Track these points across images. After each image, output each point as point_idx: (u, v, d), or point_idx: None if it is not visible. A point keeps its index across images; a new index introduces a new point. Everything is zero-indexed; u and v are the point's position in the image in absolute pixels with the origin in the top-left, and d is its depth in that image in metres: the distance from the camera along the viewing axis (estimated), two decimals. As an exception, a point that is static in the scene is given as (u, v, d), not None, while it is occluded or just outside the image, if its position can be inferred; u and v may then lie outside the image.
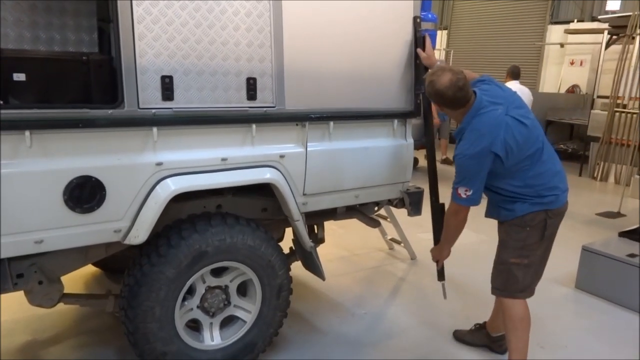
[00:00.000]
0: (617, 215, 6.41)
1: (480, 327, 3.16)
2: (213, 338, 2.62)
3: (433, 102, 2.63)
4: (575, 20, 11.09)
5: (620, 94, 8.43)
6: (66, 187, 2.00)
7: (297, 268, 3.08)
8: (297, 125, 2.61)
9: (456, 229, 2.74)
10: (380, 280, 4.11)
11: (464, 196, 2.49)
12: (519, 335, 2.69)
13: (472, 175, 2.46)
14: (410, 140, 3.08)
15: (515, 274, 2.65)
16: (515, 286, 2.66)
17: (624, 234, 4.38)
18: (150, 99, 2.14)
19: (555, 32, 11.62)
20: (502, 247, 2.70)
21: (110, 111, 2.06)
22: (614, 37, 9.18)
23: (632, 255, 3.86)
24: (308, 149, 2.65)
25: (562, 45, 11.31)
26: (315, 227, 3.27)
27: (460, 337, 3.19)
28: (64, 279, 2.38)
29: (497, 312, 3.00)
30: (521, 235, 2.60)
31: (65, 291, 2.43)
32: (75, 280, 3.58)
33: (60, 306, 2.52)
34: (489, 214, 2.74)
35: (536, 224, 2.56)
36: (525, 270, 2.64)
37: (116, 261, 2.82)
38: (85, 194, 2.05)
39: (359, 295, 3.80)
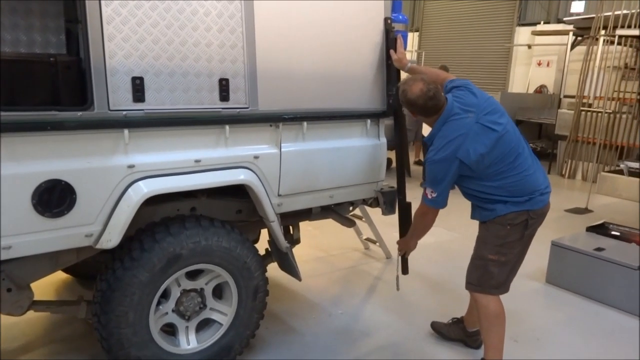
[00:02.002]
0: (585, 211, 6.60)
1: (458, 322, 3.20)
2: (189, 342, 2.59)
3: (407, 110, 2.70)
4: (542, 22, 11.39)
5: (585, 94, 8.67)
6: (35, 191, 1.96)
7: (273, 269, 3.08)
8: (270, 126, 2.61)
9: (424, 228, 2.84)
10: (356, 280, 4.13)
11: (429, 197, 2.59)
12: (494, 332, 2.73)
13: (437, 179, 2.54)
14: (383, 140, 3.11)
15: (491, 270, 2.68)
16: (490, 282, 2.70)
17: (591, 229, 4.52)
18: (120, 100, 2.11)
19: (522, 34, 11.92)
20: (481, 243, 2.73)
21: (79, 113, 2.02)
22: (579, 38, 9.46)
23: (599, 249, 3.98)
24: (282, 149, 2.65)
25: (529, 46, 11.60)
26: (291, 228, 3.27)
27: (437, 328, 3.23)
28: (34, 285, 2.33)
29: (472, 307, 3.05)
30: (502, 233, 2.63)
31: (35, 298, 2.37)
32: (45, 287, 3.49)
33: (30, 314, 2.46)
34: (472, 216, 2.78)
35: (518, 223, 2.59)
36: (502, 268, 2.68)
37: (88, 267, 2.78)
38: (54, 198, 2.00)
39: (335, 295, 3.82)
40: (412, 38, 13.89)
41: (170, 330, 2.59)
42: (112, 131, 2.12)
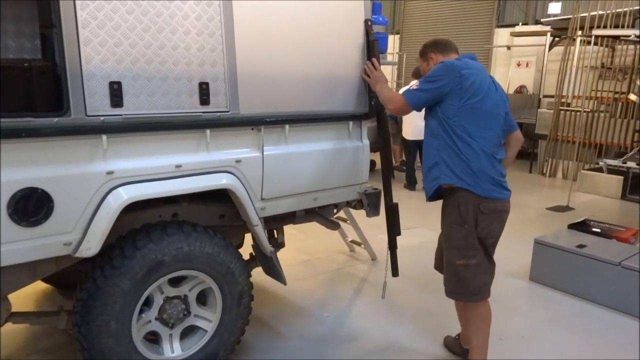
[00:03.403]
0: (566, 208, 6.68)
1: (458, 337, 3.11)
2: (173, 350, 2.55)
3: (426, 54, 2.84)
4: (520, 24, 11.55)
5: (564, 93, 8.81)
6: (10, 199, 1.91)
7: (258, 274, 3.05)
8: (252, 129, 2.59)
9: (385, 100, 2.84)
10: (342, 282, 4.12)
11: (411, 88, 2.66)
12: (480, 334, 2.73)
13: (432, 78, 2.56)
14: (366, 142, 3.11)
15: (464, 276, 2.62)
16: (467, 289, 2.64)
17: (572, 226, 4.58)
18: (98, 105, 2.07)
19: (501, 35, 12.07)
20: (447, 248, 2.69)
21: (55, 119, 1.98)
22: (557, 39, 9.61)
23: (581, 246, 4.03)
24: (264, 153, 2.63)
25: (508, 47, 11.74)
26: (275, 231, 3.25)
27: (447, 344, 3.15)
28: (12, 296, 2.27)
29: (465, 325, 2.96)
30: (461, 235, 2.58)
31: (14, 310, 2.32)
32: (24, 298, 3.42)
33: (9, 326, 2.41)
34: (426, 187, 2.72)
35: (471, 219, 2.54)
36: (475, 271, 2.61)
37: (68, 276, 2.72)
38: (31, 206, 1.95)
39: (321, 299, 3.80)
40: (393, 40, 13.97)
41: (153, 338, 2.54)
42: (89, 137, 2.08)
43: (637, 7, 7.94)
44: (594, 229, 4.51)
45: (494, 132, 2.58)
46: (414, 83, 6.98)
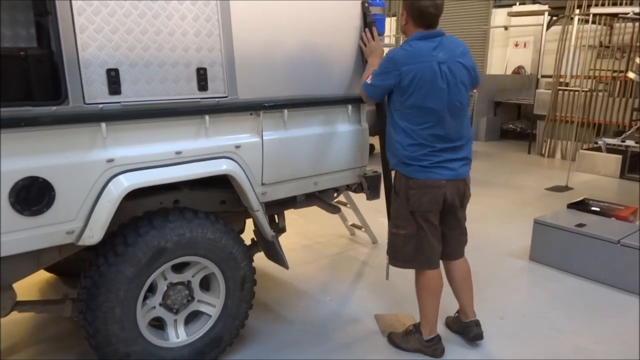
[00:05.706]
0: (565, 188, 6.70)
1: (457, 315, 3.14)
2: (178, 335, 2.57)
3: (404, 13, 2.63)
4: (517, 3, 11.44)
5: (562, 73, 8.77)
6: (11, 189, 1.91)
7: (260, 259, 3.07)
8: (251, 114, 2.59)
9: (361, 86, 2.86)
10: (343, 266, 4.15)
11: (367, 80, 2.72)
12: (422, 302, 2.86)
13: (379, 72, 2.64)
14: (365, 125, 3.11)
15: (395, 244, 2.82)
16: (397, 256, 2.82)
17: (572, 206, 4.60)
18: (96, 93, 2.07)
19: (499, 16, 11.96)
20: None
21: (54, 108, 1.97)
22: (554, 18, 9.54)
23: (580, 225, 4.05)
24: (264, 138, 2.63)
25: (506, 28, 11.65)
26: (276, 216, 3.26)
27: (448, 323, 3.19)
28: (16, 286, 2.28)
29: (461, 300, 3.02)
30: (394, 205, 2.80)
31: (19, 299, 2.33)
32: (28, 287, 3.44)
33: (15, 315, 2.42)
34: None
35: (402, 192, 2.69)
36: (405, 241, 2.75)
37: (71, 265, 2.73)
38: (32, 195, 1.95)
39: (323, 282, 3.83)
40: (390, 23, 13.86)
41: (158, 324, 2.57)
42: (88, 125, 2.08)
43: (635, -16, 7.88)
44: (593, 208, 4.53)
45: (439, 124, 2.59)
46: None
